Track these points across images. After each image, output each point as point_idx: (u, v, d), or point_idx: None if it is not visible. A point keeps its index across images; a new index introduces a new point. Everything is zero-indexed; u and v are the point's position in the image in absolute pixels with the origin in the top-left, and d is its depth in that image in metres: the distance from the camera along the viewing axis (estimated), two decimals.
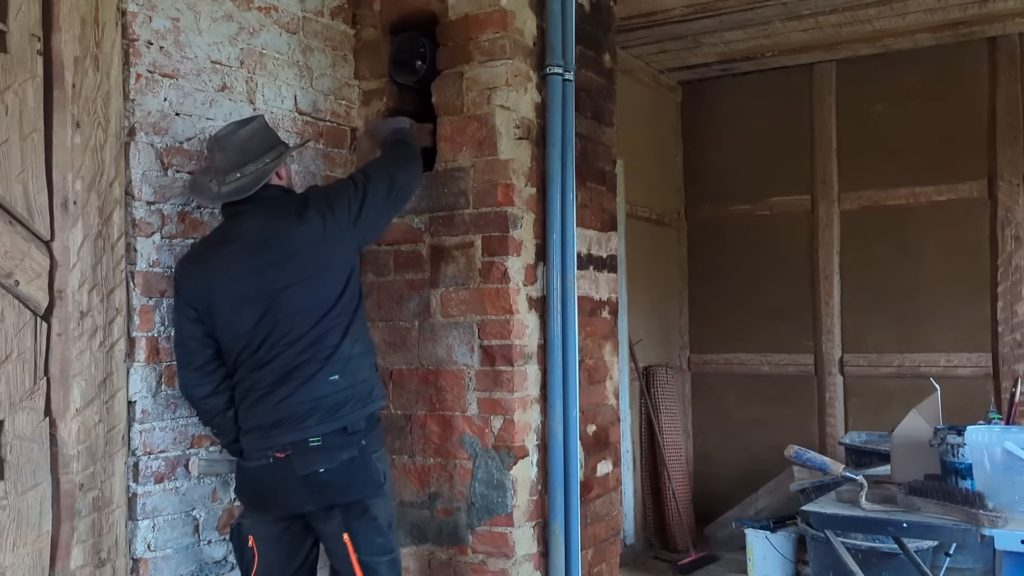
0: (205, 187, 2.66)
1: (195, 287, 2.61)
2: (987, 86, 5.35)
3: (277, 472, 2.56)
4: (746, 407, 6.02)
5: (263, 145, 2.69)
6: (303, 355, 2.56)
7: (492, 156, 3.18)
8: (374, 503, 2.60)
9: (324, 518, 2.59)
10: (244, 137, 2.66)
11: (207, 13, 2.90)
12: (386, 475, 2.66)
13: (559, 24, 3.28)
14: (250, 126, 2.69)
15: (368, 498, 2.59)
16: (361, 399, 2.61)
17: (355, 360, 2.62)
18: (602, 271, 3.68)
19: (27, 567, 2.38)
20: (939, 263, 5.44)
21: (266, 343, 2.56)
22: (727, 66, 5.85)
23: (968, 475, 2.63)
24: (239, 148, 2.64)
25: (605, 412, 3.67)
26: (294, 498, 2.58)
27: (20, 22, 2.40)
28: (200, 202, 2.80)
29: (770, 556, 4.80)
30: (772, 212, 5.97)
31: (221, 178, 2.62)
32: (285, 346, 2.56)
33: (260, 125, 2.73)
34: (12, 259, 2.37)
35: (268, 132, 2.75)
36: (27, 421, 2.39)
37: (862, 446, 4.85)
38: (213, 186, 2.64)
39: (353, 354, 2.62)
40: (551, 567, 3.21)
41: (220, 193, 2.64)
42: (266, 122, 2.78)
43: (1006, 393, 4.88)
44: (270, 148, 2.70)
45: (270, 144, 2.72)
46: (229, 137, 2.66)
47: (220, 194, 2.64)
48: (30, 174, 2.42)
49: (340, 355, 2.59)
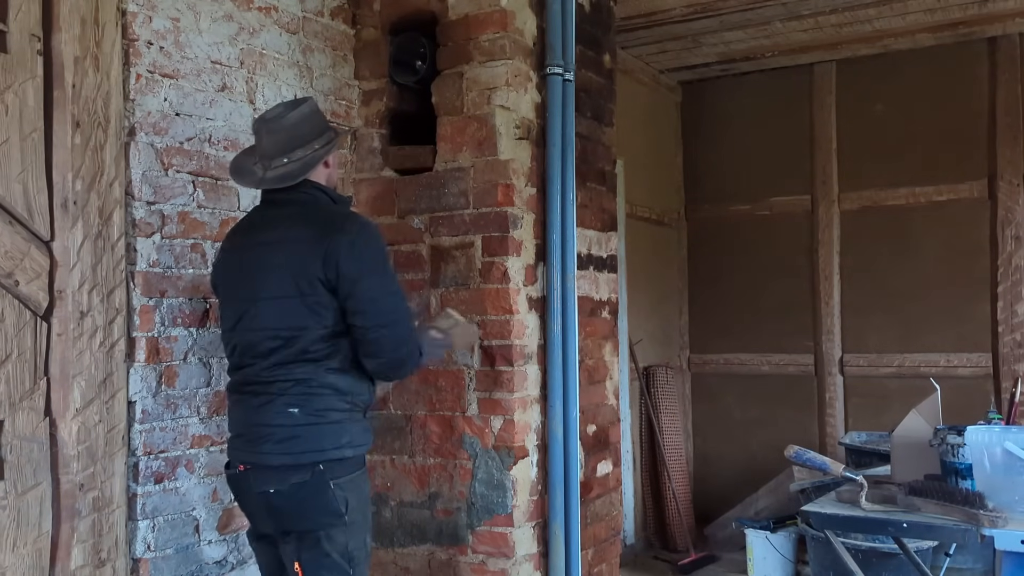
0: (249, 170, 2.51)
1: (215, 269, 2.63)
2: (987, 86, 5.34)
3: (242, 484, 2.45)
4: (746, 407, 6.02)
5: (313, 130, 2.51)
6: (266, 374, 2.40)
7: (492, 156, 3.18)
8: (330, 535, 2.35)
9: (282, 541, 2.43)
10: (294, 120, 2.47)
11: (207, 13, 2.90)
12: (349, 505, 2.37)
13: (559, 24, 3.28)
14: (300, 108, 2.50)
15: (323, 528, 2.35)
16: (320, 441, 2.36)
17: (324, 399, 2.38)
18: (602, 271, 3.69)
19: (27, 567, 2.38)
20: (939, 263, 5.44)
21: (239, 348, 2.47)
22: (727, 66, 5.85)
23: (968, 475, 2.63)
24: (288, 131, 2.46)
25: (605, 412, 3.67)
26: (257, 515, 2.48)
27: (20, 22, 2.40)
28: (242, 185, 2.65)
29: (770, 556, 4.80)
30: (772, 212, 5.96)
31: (267, 162, 2.47)
32: (252, 359, 2.43)
33: (311, 108, 2.54)
34: (12, 259, 2.36)
35: (319, 116, 2.58)
36: (27, 421, 2.39)
37: (862, 446, 4.85)
38: (258, 170, 2.48)
39: (322, 392, 2.38)
40: (551, 567, 3.21)
41: (265, 178, 2.47)
42: (317, 105, 2.60)
43: (1006, 393, 4.88)
44: (320, 133, 2.52)
45: (320, 129, 2.54)
46: (278, 120, 2.48)
47: (265, 179, 2.48)
48: (30, 174, 2.42)
49: (305, 388, 2.37)
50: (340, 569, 2.38)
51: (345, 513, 2.36)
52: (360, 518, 2.43)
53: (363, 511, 2.46)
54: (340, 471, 2.37)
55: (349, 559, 2.39)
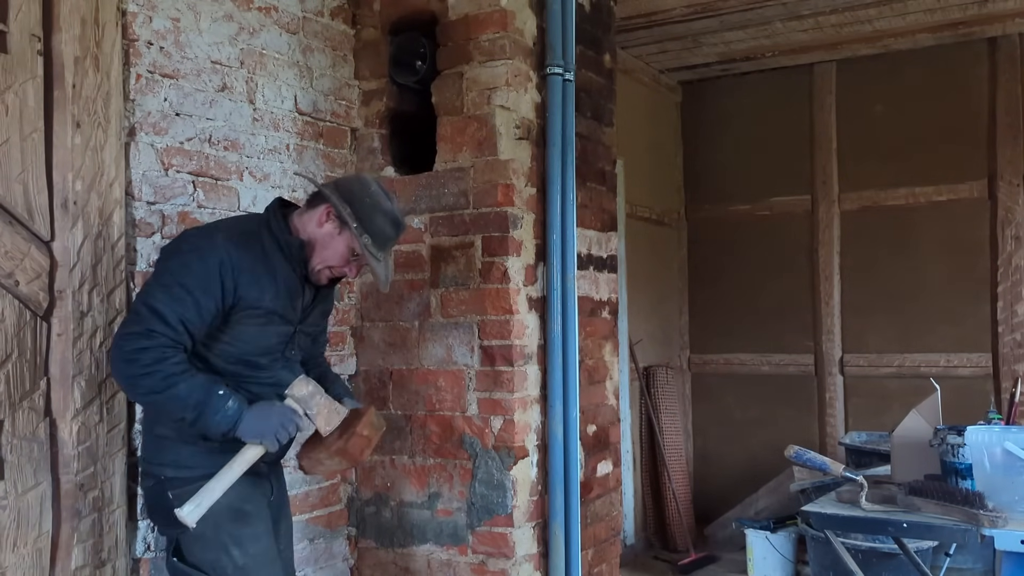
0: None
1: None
2: (987, 86, 5.35)
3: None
4: (746, 407, 6.02)
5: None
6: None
7: (492, 156, 3.18)
8: (182, 541, 2.35)
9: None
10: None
11: (207, 13, 2.90)
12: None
13: (559, 24, 3.28)
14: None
15: (174, 535, 2.36)
16: (143, 455, 2.45)
17: (144, 412, 2.48)
18: (602, 271, 3.69)
19: (27, 567, 2.38)
20: (939, 263, 5.44)
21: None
22: (727, 66, 5.85)
23: (968, 475, 2.63)
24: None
25: (605, 412, 3.67)
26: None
27: (20, 22, 2.40)
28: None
29: (770, 556, 4.80)
30: (772, 212, 5.97)
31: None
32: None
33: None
34: (12, 259, 2.36)
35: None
36: (27, 421, 2.39)
37: (862, 446, 4.85)
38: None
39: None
40: (551, 567, 3.21)
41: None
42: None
43: (1006, 393, 4.88)
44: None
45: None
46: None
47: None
48: (30, 174, 2.41)
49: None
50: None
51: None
52: (214, 534, 2.35)
53: (220, 527, 2.36)
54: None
55: (201, 569, 2.37)
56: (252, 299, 2.32)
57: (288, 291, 2.42)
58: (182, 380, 2.21)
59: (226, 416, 2.25)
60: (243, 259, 2.32)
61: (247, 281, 2.31)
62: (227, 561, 2.34)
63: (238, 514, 2.37)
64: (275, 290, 2.37)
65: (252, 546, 2.37)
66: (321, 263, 2.44)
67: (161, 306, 2.21)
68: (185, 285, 2.23)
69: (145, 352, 2.18)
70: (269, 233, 2.40)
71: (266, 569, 2.41)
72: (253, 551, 2.37)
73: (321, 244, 2.42)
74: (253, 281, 2.33)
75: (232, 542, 2.35)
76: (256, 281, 2.33)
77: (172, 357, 2.21)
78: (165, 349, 2.20)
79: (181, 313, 2.22)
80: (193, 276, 2.25)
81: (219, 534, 2.34)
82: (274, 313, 2.38)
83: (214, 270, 2.26)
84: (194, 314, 2.24)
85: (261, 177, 3.08)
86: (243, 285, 2.30)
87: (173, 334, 2.21)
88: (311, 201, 2.50)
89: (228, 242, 2.32)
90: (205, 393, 2.23)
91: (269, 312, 2.37)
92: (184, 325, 2.23)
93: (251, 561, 2.36)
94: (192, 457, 2.34)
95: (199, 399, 2.23)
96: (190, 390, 2.22)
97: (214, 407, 2.24)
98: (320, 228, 2.42)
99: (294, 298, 2.44)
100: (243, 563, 2.35)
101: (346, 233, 2.41)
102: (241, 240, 2.35)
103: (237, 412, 2.26)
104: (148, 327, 2.19)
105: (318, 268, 2.45)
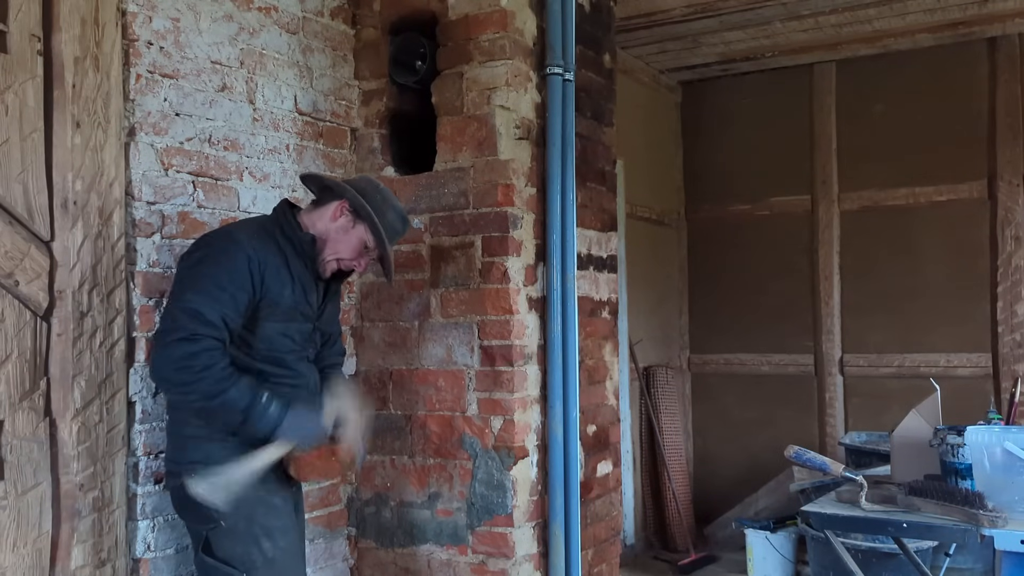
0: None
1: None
2: (987, 86, 5.35)
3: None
4: (746, 407, 6.02)
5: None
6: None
7: (492, 156, 3.18)
8: (212, 535, 2.39)
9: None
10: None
11: (207, 13, 2.90)
12: (218, 511, 2.33)
13: (559, 24, 3.28)
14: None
15: (202, 531, 2.41)
16: (169, 455, 2.51)
17: (171, 413, 2.53)
18: (602, 271, 3.69)
19: (27, 567, 2.38)
20: (939, 263, 5.44)
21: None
22: (727, 66, 5.85)
23: (968, 475, 2.63)
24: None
25: (605, 412, 3.67)
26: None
27: (20, 22, 2.40)
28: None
29: (770, 556, 4.80)
30: (772, 212, 5.97)
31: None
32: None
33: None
34: (12, 259, 2.36)
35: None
36: (27, 421, 2.39)
37: (862, 446, 4.85)
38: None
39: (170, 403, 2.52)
40: (551, 567, 3.21)
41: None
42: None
43: (1006, 393, 4.88)
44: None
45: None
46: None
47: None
48: (30, 174, 2.41)
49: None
50: (217, 571, 2.44)
51: (217, 518, 2.37)
52: (239, 525, 2.39)
53: (247, 516, 2.41)
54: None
55: (231, 563, 2.41)
56: (275, 294, 2.42)
57: (303, 287, 2.51)
58: (231, 384, 2.28)
59: (270, 420, 2.33)
60: (266, 255, 2.41)
61: (271, 276, 2.41)
62: (257, 554, 2.39)
63: (269, 506, 2.44)
64: (292, 286, 2.47)
65: (282, 539, 2.44)
66: (332, 255, 2.53)
67: (200, 307, 2.27)
68: (219, 283, 2.30)
69: (195, 358, 2.24)
70: (281, 231, 2.50)
71: (292, 561, 2.49)
72: (283, 544, 2.44)
73: (334, 238, 2.52)
74: (275, 276, 2.42)
75: (263, 534, 2.41)
76: (277, 276, 2.43)
77: (220, 361, 2.28)
78: (213, 353, 2.27)
79: (220, 310, 2.29)
80: (225, 273, 2.32)
81: (251, 527, 2.39)
82: (295, 309, 2.48)
83: (243, 266, 2.35)
84: (232, 309, 2.32)
85: (261, 177, 3.08)
86: (268, 280, 2.40)
87: (217, 333, 2.28)
88: (321, 198, 2.59)
89: (250, 240, 2.41)
90: (252, 397, 2.31)
91: (291, 308, 2.47)
92: (224, 322, 2.31)
93: (280, 554, 2.42)
94: (221, 452, 2.38)
95: (247, 403, 2.30)
96: (240, 394, 2.29)
97: (259, 411, 2.32)
98: (334, 222, 2.52)
99: (308, 293, 2.54)
100: (272, 555, 2.40)
101: (360, 227, 2.52)
102: (260, 238, 2.45)
103: (279, 416, 2.34)
104: (192, 331, 2.25)
105: (328, 259, 2.53)
